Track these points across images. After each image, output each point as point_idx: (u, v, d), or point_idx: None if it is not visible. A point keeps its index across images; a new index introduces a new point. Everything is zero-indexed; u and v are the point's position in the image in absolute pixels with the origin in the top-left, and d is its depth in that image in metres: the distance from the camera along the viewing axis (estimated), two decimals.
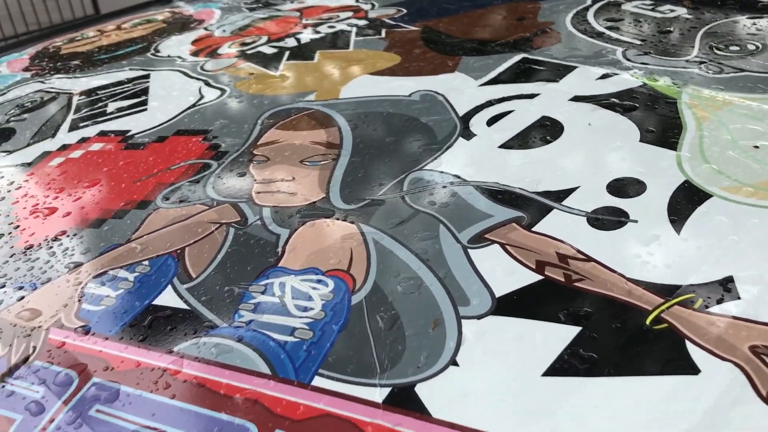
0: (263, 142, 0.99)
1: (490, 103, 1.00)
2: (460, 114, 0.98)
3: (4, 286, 0.78)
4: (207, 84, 1.25)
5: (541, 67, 1.12)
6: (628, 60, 1.12)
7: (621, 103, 0.96)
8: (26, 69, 1.64)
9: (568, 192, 0.77)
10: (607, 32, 1.26)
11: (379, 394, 0.56)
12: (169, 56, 1.48)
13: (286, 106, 1.09)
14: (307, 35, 1.45)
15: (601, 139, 0.88)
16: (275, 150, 0.96)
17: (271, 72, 1.27)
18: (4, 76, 1.60)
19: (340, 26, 1.48)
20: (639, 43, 1.20)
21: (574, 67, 1.09)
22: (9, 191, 0.98)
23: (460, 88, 1.07)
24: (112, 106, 1.23)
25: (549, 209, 0.75)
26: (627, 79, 1.03)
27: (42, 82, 1.48)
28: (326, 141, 0.96)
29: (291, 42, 1.43)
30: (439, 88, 1.08)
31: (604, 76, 1.05)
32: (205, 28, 1.69)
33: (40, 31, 4.96)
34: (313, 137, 0.98)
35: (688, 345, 0.56)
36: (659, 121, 0.91)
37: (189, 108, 1.15)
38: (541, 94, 1.01)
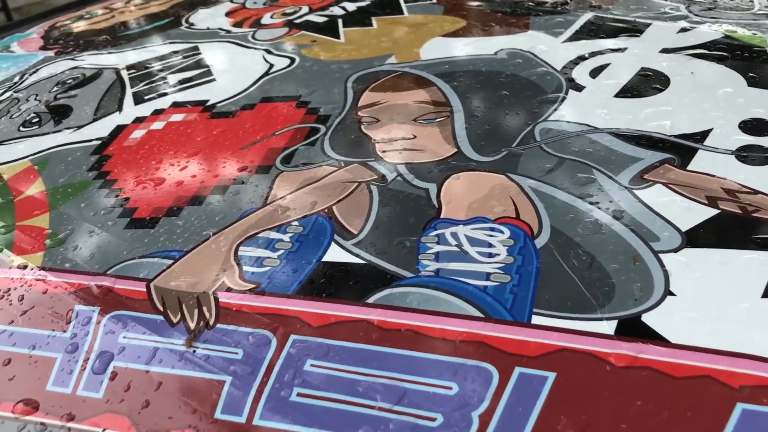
0: (363, 104, 0.97)
1: (582, 58, 1.02)
2: (557, 68, 0.99)
3: (143, 257, 0.74)
4: (268, 52, 1.22)
5: (617, 24, 1.14)
6: (696, 15, 1.15)
7: (711, 53, 0.99)
8: (44, 48, 1.55)
9: (704, 134, 0.79)
10: None
11: (608, 327, 0.56)
12: (208, 28, 1.43)
13: (372, 69, 1.07)
14: (352, 3, 1.43)
15: (710, 85, 0.90)
16: (381, 111, 0.95)
17: (334, 39, 1.24)
18: (24, 56, 1.52)
19: None
20: None
21: (649, 23, 1.12)
22: (100, 165, 0.94)
23: (544, 45, 1.08)
24: (172, 79, 1.18)
25: (693, 150, 0.77)
26: (707, 32, 1.06)
27: (72, 59, 1.40)
28: (431, 100, 0.95)
29: (337, 10, 1.40)
30: (522, 46, 1.08)
31: (682, 30, 1.08)
32: (231, 1, 1.64)
33: None
34: (415, 97, 0.97)
35: None
36: (757, 68, 0.94)
37: (263, 76, 1.12)
38: (628, 48, 1.03)
